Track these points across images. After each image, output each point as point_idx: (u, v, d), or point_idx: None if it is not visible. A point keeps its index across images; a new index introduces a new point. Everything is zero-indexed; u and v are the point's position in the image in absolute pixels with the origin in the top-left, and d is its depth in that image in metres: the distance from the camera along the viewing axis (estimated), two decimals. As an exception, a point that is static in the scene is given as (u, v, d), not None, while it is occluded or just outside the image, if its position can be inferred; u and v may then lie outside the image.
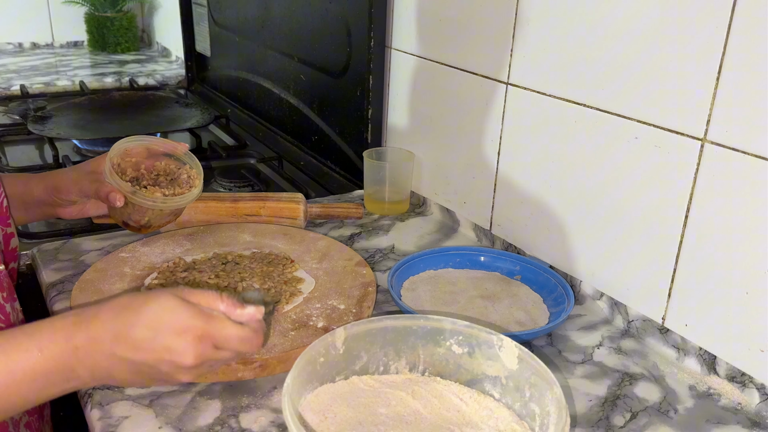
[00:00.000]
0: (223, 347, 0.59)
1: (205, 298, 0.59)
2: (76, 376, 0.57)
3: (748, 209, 0.71)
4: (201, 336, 0.57)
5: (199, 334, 0.57)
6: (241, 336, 0.59)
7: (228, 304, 0.59)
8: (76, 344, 0.56)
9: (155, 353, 0.57)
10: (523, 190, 0.99)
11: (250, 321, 0.60)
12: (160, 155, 0.93)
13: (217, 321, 0.58)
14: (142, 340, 0.56)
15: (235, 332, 0.59)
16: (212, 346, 0.58)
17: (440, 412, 0.63)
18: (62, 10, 2.56)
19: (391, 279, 0.87)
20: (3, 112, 1.75)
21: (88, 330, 0.57)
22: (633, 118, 0.81)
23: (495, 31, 0.98)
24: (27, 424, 0.81)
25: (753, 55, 0.68)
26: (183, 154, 0.93)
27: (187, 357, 0.57)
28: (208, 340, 0.58)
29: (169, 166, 0.93)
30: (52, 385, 0.57)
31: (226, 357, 0.60)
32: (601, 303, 0.90)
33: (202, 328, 0.57)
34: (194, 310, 0.58)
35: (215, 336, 0.58)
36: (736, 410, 0.73)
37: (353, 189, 1.30)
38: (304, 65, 1.47)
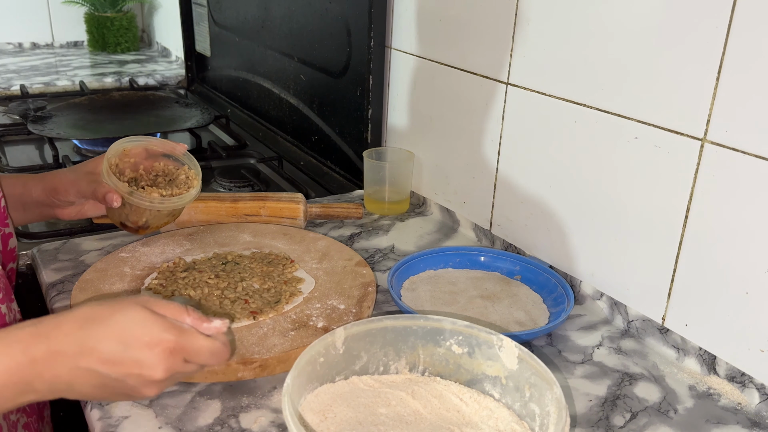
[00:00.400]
0: (193, 360, 0.58)
1: (171, 311, 0.58)
2: (32, 389, 0.55)
3: (748, 209, 0.71)
4: (173, 349, 0.56)
5: (171, 347, 0.56)
6: (212, 349, 0.58)
7: (194, 317, 0.59)
8: (34, 356, 0.53)
9: (124, 367, 0.55)
10: (523, 190, 0.99)
11: (217, 334, 0.60)
12: (159, 156, 0.93)
13: (189, 334, 0.57)
14: (112, 353, 0.54)
15: (206, 345, 0.58)
16: (182, 360, 0.57)
17: (440, 412, 0.63)
18: (62, 10, 2.56)
19: (391, 279, 0.87)
20: (3, 112, 1.75)
21: (48, 342, 0.54)
22: (633, 118, 0.81)
23: (495, 31, 0.98)
24: (25, 425, 0.81)
25: (753, 55, 0.68)
26: (182, 154, 0.93)
27: (157, 371, 0.55)
28: (178, 354, 0.56)
29: (167, 167, 0.93)
30: (8, 399, 0.54)
31: (191, 370, 0.59)
32: (601, 303, 0.90)
33: (175, 341, 0.56)
34: (165, 323, 0.56)
35: (187, 349, 0.57)
36: (736, 410, 0.73)
37: (353, 189, 1.30)
38: (304, 65, 1.47)
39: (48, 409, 0.91)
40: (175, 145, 0.93)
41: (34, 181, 0.90)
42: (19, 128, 1.60)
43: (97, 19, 2.50)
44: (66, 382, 0.55)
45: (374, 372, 0.67)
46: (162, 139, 0.94)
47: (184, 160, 0.94)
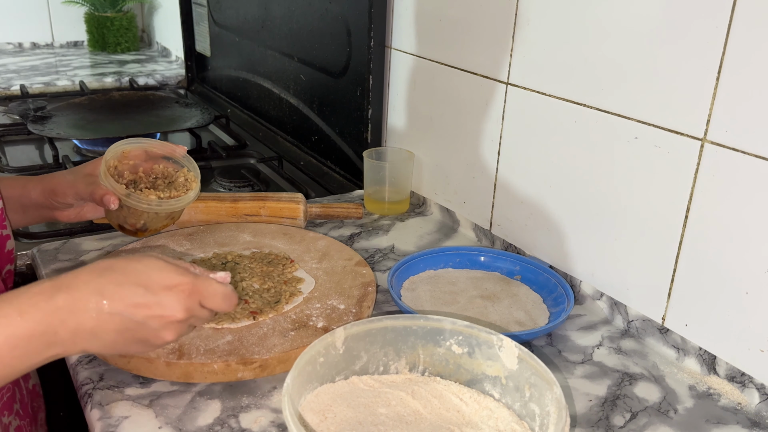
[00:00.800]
0: (208, 304, 0.62)
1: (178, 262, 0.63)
2: (58, 340, 0.56)
3: (748, 209, 0.71)
4: (191, 291, 0.60)
5: (189, 289, 0.60)
6: (224, 292, 0.62)
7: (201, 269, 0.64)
8: (57, 305, 0.56)
9: (148, 309, 0.58)
10: (523, 190, 0.99)
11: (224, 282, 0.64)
12: (159, 158, 0.93)
13: (203, 278, 0.62)
14: (135, 296, 0.57)
15: (220, 289, 0.62)
16: (198, 302, 0.61)
17: (440, 412, 0.63)
18: (62, 10, 2.56)
19: (391, 279, 0.87)
20: (3, 112, 1.75)
21: (69, 291, 0.56)
22: (633, 118, 0.81)
23: (495, 31, 0.98)
24: (17, 428, 0.81)
25: (753, 55, 0.68)
26: (181, 156, 0.93)
27: (178, 311, 0.59)
28: (195, 296, 0.60)
29: (167, 169, 0.93)
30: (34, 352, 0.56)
31: (206, 316, 0.63)
32: (601, 303, 0.90)
33: (192, 283, 0.60)
34: (180, 268, 0.61)
35: (202, 291, 0.61)
36: (736, 410, 0.73)
37: (353, 189, 1.30)
38: (304, 65, 1.47)
39: (42, 411, 0.91)
40: (175, 148, 0.93)
41: (32, 183, 0.89)
42: (19, 128, 1.60)
43: (97, 19, 2.50)
44: (89, 329, 0.57)
45: (374, 372, 0.67)
46: (162, 141, 0.94)
47: (184, 162, 0.93)
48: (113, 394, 0.70)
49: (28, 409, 0.84)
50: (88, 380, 0.72)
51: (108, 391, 0.70)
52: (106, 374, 0.73)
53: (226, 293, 0.63)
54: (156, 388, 0.71)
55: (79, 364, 0.75)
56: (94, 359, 0.75)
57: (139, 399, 0.69)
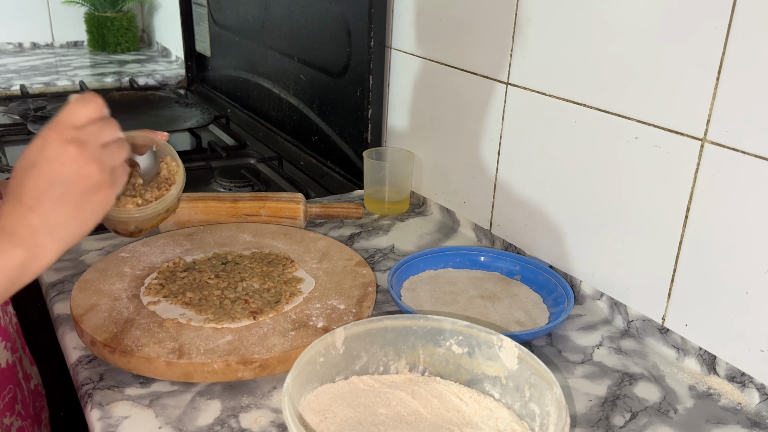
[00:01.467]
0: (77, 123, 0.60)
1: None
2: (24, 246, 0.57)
3: (748, 209, 0.71)
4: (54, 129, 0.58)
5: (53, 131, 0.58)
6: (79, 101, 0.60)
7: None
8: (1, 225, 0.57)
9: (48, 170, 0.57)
10: (523, 190, 0.99)
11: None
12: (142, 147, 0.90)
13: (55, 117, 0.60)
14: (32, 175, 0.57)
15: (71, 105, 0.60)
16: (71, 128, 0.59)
17: (440, 412, 0.63)
18: (62, 10, 2.56)
19: (391, 279, 0.87)
20: (3, 112, 1.75)
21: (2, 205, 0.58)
22: (633, 118, 0.81)
23: (495, 31, 0.98)
24: (20, 428, 0.81)
25: (753, 55, 0.68)
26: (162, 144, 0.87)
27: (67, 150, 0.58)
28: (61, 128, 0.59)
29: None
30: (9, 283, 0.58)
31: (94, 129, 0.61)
32: (601, 303, 0.90)
33: (49, 127, 0.59)
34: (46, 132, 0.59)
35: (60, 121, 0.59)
36: (736, 410, 0.73)
37: (353, 189, 1.30)
38: (304, 65, 1.47)
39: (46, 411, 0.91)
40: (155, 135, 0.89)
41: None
42: (19, 128, 1.60)
43: (97, 19, 2.50)
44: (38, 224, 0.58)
45: (374, 372, 0.67)
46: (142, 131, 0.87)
47: (166, 150, 0.87)
48: (113, 394, 0.70)
49: (30, 410, 0.84)
50: (88, 380, 0.72)
51: (108, 391, 0.70)
52: (106, 374, 0.73)
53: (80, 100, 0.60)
54: (156, 388, 0.71)
55: (79, 364, 0.75)
56: (95, 359, 0.75)
57: (139, 399, 0.69)
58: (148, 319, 0.77)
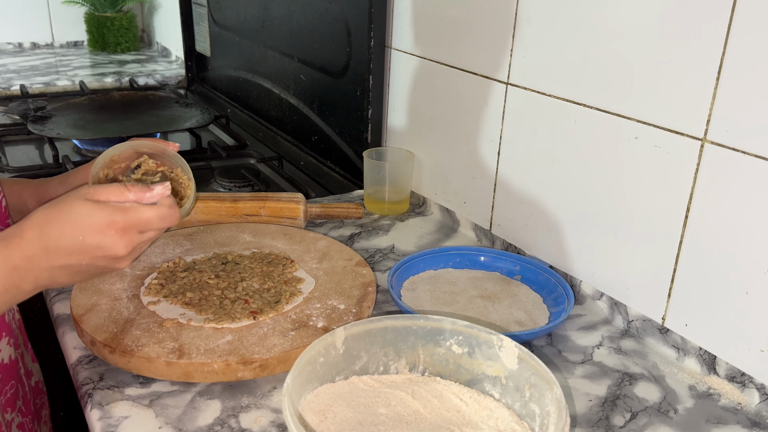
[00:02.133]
0: (147, 229, 0.64)
1: (114, 193, 0.63)
2: (21, 291, 0.63)
3: (748, 209, 0.71)
4: (124, 228, 0.62)
5: (122, 227, 0.62)
6: (159, 215, 0.64)
7: (136, 191, 0.63)
8: (14, 264, 0.61)
9: (88, 254, 0.61)
10: (523, 190, 0.99)
11: (162, 200, 0.65)
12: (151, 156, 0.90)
13: (134, 210, 0.63)
14: (73, 247, 0.61)
15: (153, 214, 0.63)
16: (137, 232, 0.63)
17: (440, 412, 0.63)
18: (62, 10, 2.56)
19: (391, 279, 0.87)
20: (3, 112, 1.75)
21: (20, 249, 0.61)
22: (633, 118, 0.81)
23: (495, 31, 0.98)
24: (20, 425, 0.81)
25: (753, 55, 0.68)
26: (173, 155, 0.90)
27: (118, 249, 0.62)
28: (131, 229, 0.62)
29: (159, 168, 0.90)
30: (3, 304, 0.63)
31: (152, 237, 0.65)
32: (601, 303, 0.90)
33: (123, 221, 0.62)
34: (110, 207, 0.62)
35: (136, 224, 0.62)
36: (736, 410, 0.73)
37: (353, 189, 1.30)
38: (304, 65, 1.47)
39: (46, 408, 0.91)
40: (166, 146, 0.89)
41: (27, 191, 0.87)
42: (19, 128, 1.60)
43: (97, 19, 2.50)
44: (47, 277, 0.63)
45: (374, 372, 0.67)
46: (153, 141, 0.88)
47: (177, 162, 0.91)
48: (113, 394, 0.70)
49: (30, 406, 0.84)
50: (88, 380, 0.72)
51: (108, 391, 0.70)
52: (106, 374, 0.73)
53: (161, 215, 0.64)
54: (156, 388, 0.71)
55: (79, 364, 0.75)
56: (95, 359, 0.75)
57: (139, 399, 0.69)
58: (148, 319, 0.77)
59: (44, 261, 0.61)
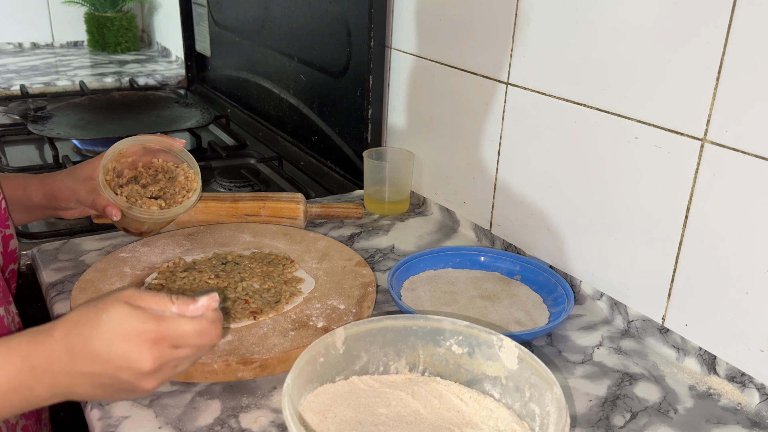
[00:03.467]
0: (182, 345, 0.57)
1: (156, 302, 0.58)
2: (35, 395, 0.56)
3: (748, 209, 0.71)
4: (155, 339, 0.56)
5: (153, 337, 0.56)
6: (198, 330, 0.57)
7: (180, 303, 0.58)
8: (32, 364, 0.55)
9: (112, 363, 0.55)
10: (523, 190, 0.99)
11: (206, 313, 0.59)
12: (158, 151, 0.92)
13: (170, 320, 0.57)
14: (98, 353, 0.55)
15: (190, 327, 0.57)
16: (169, 346, 0.57)
17: (440, 412, 0.63)
18: (62, 10, 2.56)
19: (391, 279, 0.87)
20: (3, 112, 1.75)
21: (44, 348, 0.56)
22: (633, 118, 0.81)
23: (495, 31, 0.98)
24: (24, 427, 0.81)
25: (753, 55, 0.68)
26: (179, 150, 0.91)
27: (144, 362, 0.55)
28: (163, 342, 0.56)
29: (166, 164, 0.92)
30: (10, 406, 0.56)
31: (187, 354, 0.58)
32: (601, 303, 0.90)
33: (155, 331, 0.56)
34: (145, 315, 0.56)
35: (170, 336, 0.56)
36: (736, 410, 0.73)
37: (353, 189, 1.30)
38: (304, 65, 1.47)
39: (46, 411, 0.91)
40: (173, 141, 0.91)
41: (33, 185, 0.88)
42: (19, 128, 1.60)
43: (97, 19, 2.50)
44: (65, 384, 0.56)
45: (374, 372, 0.67)
46: (159, 136, 0.92)
47: (183, 157, 0.92)
48: (113, 394, 0.70)
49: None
50: (88, 380, 0.72)
51: (108, 391, 0.70)
52: (106, 374, 0.73)
53: (200, 329, 0.57)
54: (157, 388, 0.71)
55: (79, 364, 0.75)
56: (94, 359, 0.75)
57: (139, 399, 0.69)
58: (148, 319, 0.77)
59: (66, 365, 0.55)
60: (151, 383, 0.57)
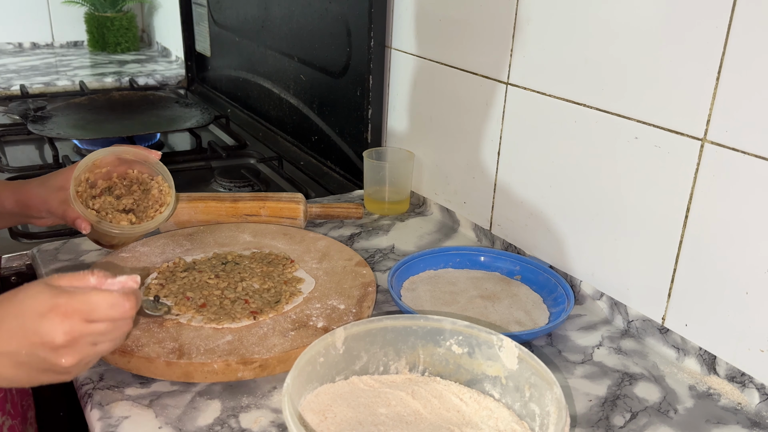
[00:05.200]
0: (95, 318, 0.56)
1: (76, 278, 0.58)
2: None
3: (747, 209, 0.71)
4: (65, 312, 0.55)
5: (64, 311, 0.55)
6: (109, 301, 0.56)
7: (99, 276, 0.58)
8: None
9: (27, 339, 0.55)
10: (523, 190, 0.99)
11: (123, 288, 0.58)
12: (133, 162, 0.90)
13: (81, 293, 0.56)
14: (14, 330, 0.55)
15: (101, 298, 0.56)
16: (82, 320, 0.56)
17: (440, 412, 0.63)
18: (62, 10, 2.56)
19: (391, 279, 0.87)
20: (3, 112, 1.75)
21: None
22: (633, 118, 0.81)
23: (495, 31, 0.98)
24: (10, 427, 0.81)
25: (753, 55, 0.68)
26: (155, 163, 0.89)
27: (56, 336, 0.55)
28: (74, 315, 0.55)
29: (141, 175, 0.90)
30: None
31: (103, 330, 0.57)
32: (601, 303, 0.90)
33: (66, 304, 0.55)
34: (56, 290, 0.56)
35: (80, 309, 0.56)
36: (736, 410, 0.73)
37: (353, 189, 1.30)
38: (304, 65, 1.47)
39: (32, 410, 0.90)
40: (149, 154, 0.89)
41: (5, 192, 0.86)
42: (19, 128, 1.60)
43: (97, 19, 2.50)
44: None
45: (374, 372, 0.67)
46: (135, 147, 0.90)
47: (159, 169, 0.90)
48: (113, 394, 0.70)
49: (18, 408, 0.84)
50: (88, 380, 0.72)
51: (108, 391, 0.70)
52: (106, 374, 0.73)
53: (112, 301, 0.56)
54: (156, 388, 0.71)
55: (79, 364, 0.75)
56: (94, 359, 0.75)
57: (139, 399, 0.69)
58: (148, 319, 0.77)
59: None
60: (69, 359, 0.56)
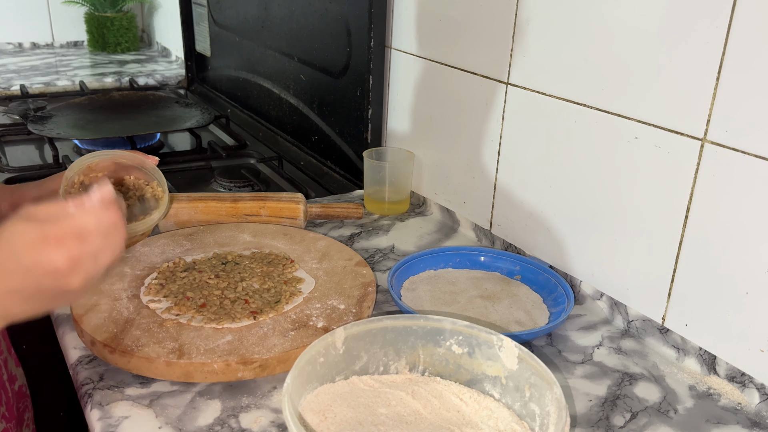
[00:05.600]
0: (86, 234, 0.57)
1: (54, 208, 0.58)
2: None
3: (747, 209, 0.71)
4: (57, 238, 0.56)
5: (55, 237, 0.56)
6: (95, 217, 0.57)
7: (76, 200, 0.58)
8: None
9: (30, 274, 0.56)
10: (523, 190, 0.99)
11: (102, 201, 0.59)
12: (130, 168, 0.89)
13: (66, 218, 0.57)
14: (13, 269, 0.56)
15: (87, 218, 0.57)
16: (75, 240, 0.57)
17: (440, 412, 0.63)
18: (62, 10, 2.56)
19: (391, 279, 0.87)
20: (3, 112, 1.75)
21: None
22: (633, 118, 0.81)
23: (495, 31, 0.98)
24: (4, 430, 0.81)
25: (753, 55, 0.68)
26: (151, 168, 0.88)
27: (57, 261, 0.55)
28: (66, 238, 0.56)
29: (138, 182, 0.90)
30: None
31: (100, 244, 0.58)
32: (601, 303, 0.90)
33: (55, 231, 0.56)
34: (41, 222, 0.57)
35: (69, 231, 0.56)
36: (736, 410, 0.73)
37: (353, 189, 1.30)
38: (304, 65, 1.47)
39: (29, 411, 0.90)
40: (145, 159, 0.89)
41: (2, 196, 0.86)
42: (19, 128, 1.60)
43: (97, 19, 2.50)
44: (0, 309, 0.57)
45: (374, 372, 0.67)
46: (132, 152, 0.89)
47: (154, 175, 0.89)
48: (113, 394, 0.70)
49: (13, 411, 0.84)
50: (88, 380, 0.72)
51: (108, 391, 0.70)
52: (106, 374, 0.73)
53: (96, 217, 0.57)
54: (156, 388, 0.71)
55: (79, 364, 0.75)
56: (95, 359, 0.75)
57: (139, 399, 0.69)
58: (148, 319, 0.77)
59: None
60: (76, 280, 0.57)
